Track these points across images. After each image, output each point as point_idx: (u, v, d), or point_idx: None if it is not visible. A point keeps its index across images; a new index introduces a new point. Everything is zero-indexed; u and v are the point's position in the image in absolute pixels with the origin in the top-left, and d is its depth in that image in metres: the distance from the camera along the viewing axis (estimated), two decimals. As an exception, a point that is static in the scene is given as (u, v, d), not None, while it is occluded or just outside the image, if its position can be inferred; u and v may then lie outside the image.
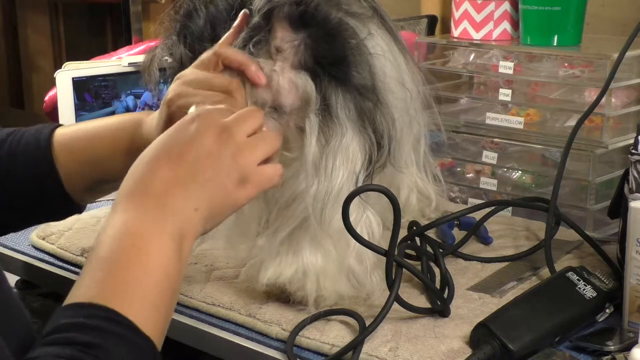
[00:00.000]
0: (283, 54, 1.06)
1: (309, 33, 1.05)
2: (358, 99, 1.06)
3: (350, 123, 1.06)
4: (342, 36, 1.06)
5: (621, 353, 0.99)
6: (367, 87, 1.07)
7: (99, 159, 1.11)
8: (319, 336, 1.03)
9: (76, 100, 1.50)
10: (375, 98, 1.07)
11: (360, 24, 1.09)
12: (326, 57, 1.05)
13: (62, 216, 1.19)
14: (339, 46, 1.05)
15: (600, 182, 1.38)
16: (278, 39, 1.06)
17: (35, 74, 3.07)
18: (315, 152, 1.06)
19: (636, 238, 1.02)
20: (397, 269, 1.04)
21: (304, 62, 1.05)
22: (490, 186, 1.48)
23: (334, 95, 1.05)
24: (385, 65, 1.12)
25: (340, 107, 1.05)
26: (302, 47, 1.05)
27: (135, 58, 1.54)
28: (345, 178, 1.06)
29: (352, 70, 1.05)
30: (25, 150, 1.11)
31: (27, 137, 1.12)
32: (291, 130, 1.08)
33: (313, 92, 1.05)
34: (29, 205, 1.12)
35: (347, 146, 1.05)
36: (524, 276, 1.20)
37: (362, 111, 1.06)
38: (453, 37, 1.56)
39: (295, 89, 1.06)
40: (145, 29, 2.36)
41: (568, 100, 1.41)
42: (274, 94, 1.06)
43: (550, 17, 1.44)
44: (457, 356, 0.99)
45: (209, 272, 1.21)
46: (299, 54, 1.05)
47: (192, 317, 1.13)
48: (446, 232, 1.32)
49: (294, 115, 1.07)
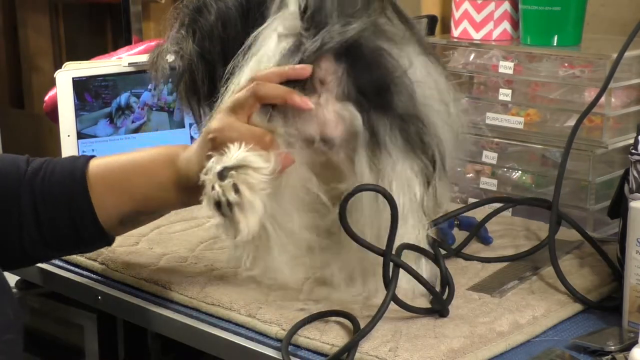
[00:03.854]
0: (327, 86, 1.04)
1: (351, 63, 1.04)
2: (403, 125, 1.05)
3: (398, 149, 1.05)
4: (383, 65, 1.05)
5: (621, 353, 0.99)
6: (410, 113, 1.06)
7: (134, 192, 1.11)
8: (319, 336, 1.03)
9: (76, 100, 1.50)
10: (420, 123, 1.06)
11: (401, 51, 1.08)
12: (369, 87, 1.04)
13: (92, 248, 1.19)
14: (381, 75, 1.04)
15: (600, 182, 1.38)
16: (322, 70, 1.04)
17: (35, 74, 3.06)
18: (370, 182, 1.05)
19: (636, 238, 1.02)
20: (394, 269, 1.04)
21: (347, 93, 1.04)
22: (490, 186, 1.48)
23: (381, 124, 1.04)
24: (426, 90, 1.10)
25: (387, 136, 1.04)
26: (345, 77, 1.04)
27: (135, 58, 1.54)
28: (408, 205, 1.06)
29: (395, 99, 1.05)
30: (60, 182, 1.11)
31: (60, 167, 1.12)
32: (342, 161, 1.08)
33: (360, 124, 1.04)
34: (61, 236, 1.12)
35: (400, 173, 1.05)
36: (524, 276, 1.20)
37: (409, 136, 1.06)
38: (453, 37, 1.56)
39: (342, 121, 1.05)
40: (145, 29, 2.35)
41: (568, 100, 1.41)
42: (321, 127, 1.05)
43: (550, 17, 1.44)
44: (457, 356, 0.99)
45: (209, 272, 1.21)
46: (342, 85, 1.04)
47: (192, 317, 1.13)
48: (446, 231, 1.32)
49: (343, 147, 1.06)
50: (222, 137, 1.02)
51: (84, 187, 1.10)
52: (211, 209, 0.99)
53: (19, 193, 1.10)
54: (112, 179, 1.11)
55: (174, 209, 1.17)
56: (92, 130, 1.50)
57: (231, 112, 1.04)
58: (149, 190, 1.11)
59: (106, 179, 1.11)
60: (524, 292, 1.16)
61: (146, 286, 1.20)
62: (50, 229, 1.11)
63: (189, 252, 1.28)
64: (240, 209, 0.98)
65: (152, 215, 1.16)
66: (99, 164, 1.13)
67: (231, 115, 1.04)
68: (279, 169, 1.02)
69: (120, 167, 1.13)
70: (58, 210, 1.10)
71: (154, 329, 1.24)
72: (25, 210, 1.10)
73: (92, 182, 1.11)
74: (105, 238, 1.14)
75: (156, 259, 1.26)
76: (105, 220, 1.11)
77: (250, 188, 0.99)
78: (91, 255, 1.27)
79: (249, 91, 1.03)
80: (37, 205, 1.10)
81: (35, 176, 1.11)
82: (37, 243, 1.11)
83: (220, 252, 1.28)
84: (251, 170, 0.99)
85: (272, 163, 1.01)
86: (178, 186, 1.09)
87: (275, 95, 1.03)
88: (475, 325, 1.05)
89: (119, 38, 2.54)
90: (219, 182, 0.98)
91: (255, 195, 0.99)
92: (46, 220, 1.10)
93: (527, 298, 1.13)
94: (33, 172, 1.11)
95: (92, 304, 1.26)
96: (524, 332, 1.06)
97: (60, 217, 1.10)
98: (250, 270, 1.07)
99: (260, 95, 1.03)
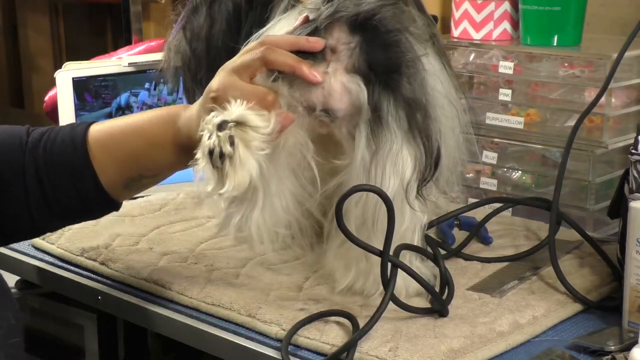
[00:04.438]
0: (337, 55, 1.04)
1: (365, 38, 1.03)
2: (408, 110, 1.05)
3: (401, 132, 1.05)
4: (399, 47, 1.04)
5: (621, 353, 0.99)
6: (417, 100, 1.05)
7: (136, 155, 1.10)
8: (319, 336, 1.03)
9: (76, 100, 1.50)
10: (425, 112, 1.06)
11: (418, 43, 1.08)
12: (381, 65, 1.03)
13: (99, 214, 1.18)
14: (395, 56, 1.04)
15: (600, 182, 1.38)
16: (334, 38, 1.04)
17: (35, 74, 3.06)
18: (366, 160, 1.05)
19: (636, 238, 1.02)
20: (393, 269, 1.04)
21: (357, 66, 1.04)
22: (490, 186, 1.48)
23: (386, 103, 1.04)
24: (437, 83, 1.10)
25: (391, 116, 1.04)
26: (358, 50, 1.04)
27: (135, 58, 1.54)
28: (397, 186, 1.05)
29: (404, 82, 1.04)
30: (61, 150, 1.10)
31: (61, 136, 1.12)
32: (343, 136, 1.08)
33: (365, 99, 1.04)
34: (67, 205, 1.11)
35: (396, 154, 1.05)
36: (524, 276, 1.20)
37: (414, 122, 1.05)
38: (453, 37, 1.56)
39: (348, 94, 1.04)
40: (145, 29, 2.35)
41: (568, 100, 1.41)
42: (325, 97, 1.04)
43: (550, 17, 1.44)
44: (457, 356, 0.99)
45: (209, 272, 1.21)
46: (354, 57, 1.04)
47: (192, 317, 1.13)
48: (446, 231, 1.32)
49: (345, 120, 1.06)
50: (224, 95, 1.02)
51: (85, 154, 1.10)
52: (204, 156, 0.99)
53: (23, 163, 1.10)
54: (112, 144, 1.11)
55: (177, 170, 1.15)
56: (92, 130, 1.50)
57: (234, 72, 1.04)
58: (150, 152, 1.10)
59: (106, 144, 1.11)
60: (524, 292, 1.16)
61: (146, 286, 1.20)
62: (56, 197, 1.10)
63: (189, 252, 1.28)
64: (232, 162, 0.99)
65: (155, 177, 1.15)
66: (99, 129, 1.12)
67: (233, 74, 1.04)
68: (279, 129, 1.02)
69: (120, 131, 1.12)
70: (61, 178, 1.10)
71: (154, 329, 1.24)
72: (30, 180, 1.09)
73: (93, 147, 1.10)
74: (111, 203, 1.13)
75: (156, 259, 1.26)
76: (109, 186, 1.11)
77: (246, 145, 0.99)
78: (91, 255, 1.27)
79: (257, 54, 1.03)
80: (40, 174, 1.09)
81: (36, 146, 1.11)
82: (45, 213, 1.11)
83: (220, 252, 1.28)
84: (249, 129, 0.99)
85: (272, 124, 1.00)
86: (179, 147, 1.08)
87: (284, 63, 1.03)
88: (475, 325, 1.05)
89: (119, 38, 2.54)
90: (217, 132, 0.99)
91: (249, 152, 0.99)
92: (50, 189, 1.10)
93: (527, 298, 1.13)
94: (34, 142, 1.11)
95: (92, 304, 1.26)
96: (524, 332, 1.06)
97: (64, 185, 1.10)
98: (240, 231, 1.08)
99: (268, 59, 1.03)
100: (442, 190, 1.19)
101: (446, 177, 1.17)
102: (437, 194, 1.21)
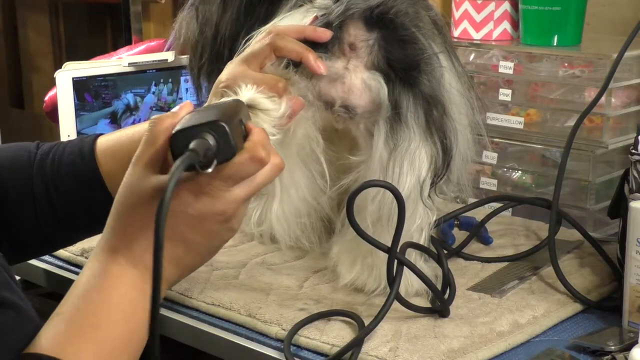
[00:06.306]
0: (356, 52, 1.04)
1: (383, 35, 1.04)
2: (427, 107, 1.05)
3: (419, 130, 1.05)
4: (416, 44, 1.05)
5: (621, 353, 0.99)
6: (435, 97, 1.06)
7: None
8: (319, 336, 1.03)
9: (76, 100, 1.50)
10: (443, 109, 1.06)
11: (431, 42, 1.08)
12: (400, 62, 1.04)
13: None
14: (414, 53, 1.04)
15: (600, 182, 1.38)
16: (352, 35, 1.04)
17: (35, 74, 3.07)
18: (383, 157, 1.05)
19: (636, 238, 1.02)
20: (399, 267, 1.04)
21: (377, 63, 1.04)
22: (490, 186, 1.48)
23: (405, 100, 1.04)
24: (452, 79, 1.11)
25: (410, 113, 1.04)
26: (376, 47, 1.04)
27: (135, 58, 1.54)
28: (413, 184, 1.05)
29: (423, 78, 1.05)
30: (69, 161, 1.10)
31: (70, 147, 1.12)
32: (360, 132, 1.08)
33: (386, 96, 1.04)
34: (76, 215, 1.11)
35: (414, 152, 1.05)
36: (524, 276, 1.20)
37: (431, 119, 1.05)
38: (453, 37, 1.56)
39: (368, 90, 1.05)
40: (145, 29, 2.35)
41: (568, 100, 1.41)
42: (345, 93, 1.05)
43: (550, 17, 1.44)
44: (457, 356, 0.99)
45: (209, 272, 1.21)
46: (373, 54, 1.04)
47: (192, 317, 1.13)
48: (446, 231, 1.32)
49: (363, 117, 1.06)
50: (234, 85, 1.01)
51: (93, 163, 1.10)
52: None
53: (31, 177, 1.10)
54: (120, 152, 1.10)
55: None
56: (92, 130, 1.50)
57: (243, 62, 1.04)
58: None
59: (115, 153, 1.10)
60: (524, 292, 1.16)
61: (146, 286, 1.19)
62: (64, 208, 1.10)
63: (189, 252, 1.28)
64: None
65: None
66: (107, 139, 1.12)
67: (243, 64, 1.04)
68: (290, 113, 1.01)
69: (128, 140, 1.11)
70: (69, 188, 1.10)
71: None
72: (38, 194, 1.09)
73: (101, 157, 1.10)
74: None
75: (156, 259, 1.26)
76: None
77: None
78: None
79: (266, 41, 1.04)
80: (49, 188, 1.09)
81: (45, 159, 1.11)
82: (55, 226, 1.11)
83: (220, 252, 1.27)
84: (260, 112, 0.98)
85: (283, 107, 1.00)
86: None
87: (292, 49, 1.03)
88: (475, 325, 1.05)
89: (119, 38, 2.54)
90: None
91: None
92: (59, 199, 1.09)
93: (527, 298, 1.13)
94: (43, 155, 1.11)
95: (92, 304, 1.26)
96: (524, 332, 1.06)
97: (72, 195, 1.10)
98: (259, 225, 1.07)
99: (277, 45, 1.03)
100: (453, 190, 1.19)
101: (457, 176, 1.17)
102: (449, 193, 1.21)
